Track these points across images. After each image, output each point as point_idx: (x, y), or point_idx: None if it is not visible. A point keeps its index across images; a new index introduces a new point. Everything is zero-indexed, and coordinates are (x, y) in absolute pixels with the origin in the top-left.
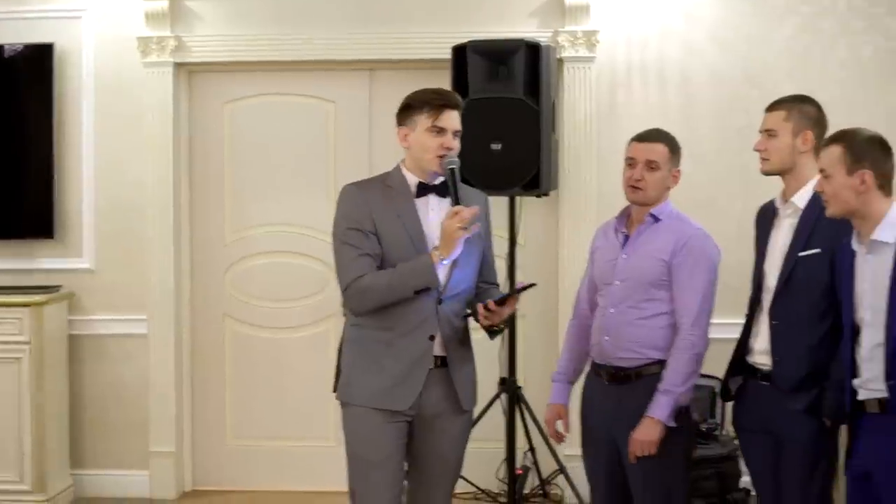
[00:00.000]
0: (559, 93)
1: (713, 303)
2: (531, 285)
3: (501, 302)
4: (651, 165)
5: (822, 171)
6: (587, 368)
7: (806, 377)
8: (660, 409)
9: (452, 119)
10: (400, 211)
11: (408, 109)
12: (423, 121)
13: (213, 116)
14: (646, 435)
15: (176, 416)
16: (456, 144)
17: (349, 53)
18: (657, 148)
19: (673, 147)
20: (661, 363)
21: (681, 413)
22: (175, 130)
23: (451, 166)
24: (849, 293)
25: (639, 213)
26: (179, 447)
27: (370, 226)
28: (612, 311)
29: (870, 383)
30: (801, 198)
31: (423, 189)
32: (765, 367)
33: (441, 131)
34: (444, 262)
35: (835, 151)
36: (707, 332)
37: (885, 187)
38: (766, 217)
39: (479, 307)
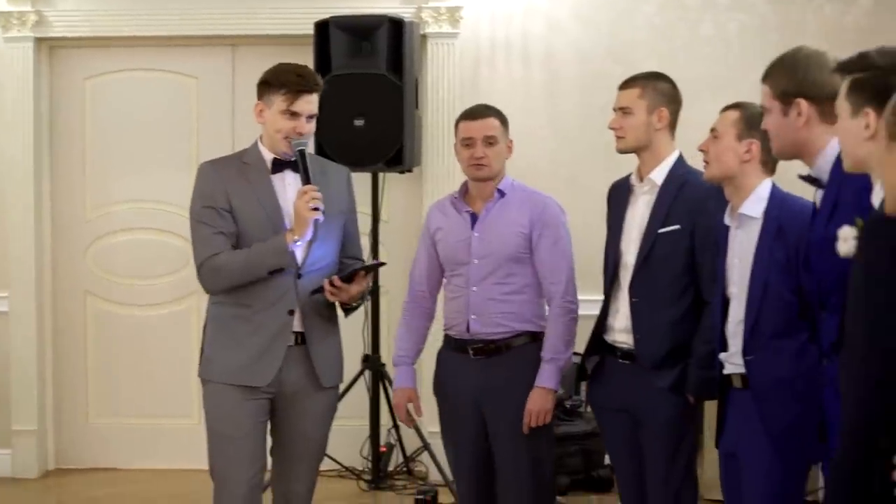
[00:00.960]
0: (422, 69)
1: (574, 266)
2: (381, 264)
3: (349, 278)
4: (489, 140)
5: (712, 130)
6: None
7: (668, 354)
8: (548, 378)
9: (309, 103)
10: (256, 188)
11: (266, 86)
12: (278, 101)
13: (74, 92)
14: (540, 404)
15: (38, 393)
16: (309, 128)
17: (211, 29)
18: (491, 122)
19: (503, 119)
20: (529, 334)
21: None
22: (36, 106)
23: (298, 148)
24: (722, 268)
25: (483, 189)
26: (42, 425)
27: (225, 204)
28: (475, 289)
29: (733, 357)
30: (658, 174)
31: (280, 165)
32: (624, 346)
33: (295, 115)
34: (298, 243)
35: (731, 115)
36: (576, 295)
37: (768, 164)
38: (620, 194)
39: (325, 283)
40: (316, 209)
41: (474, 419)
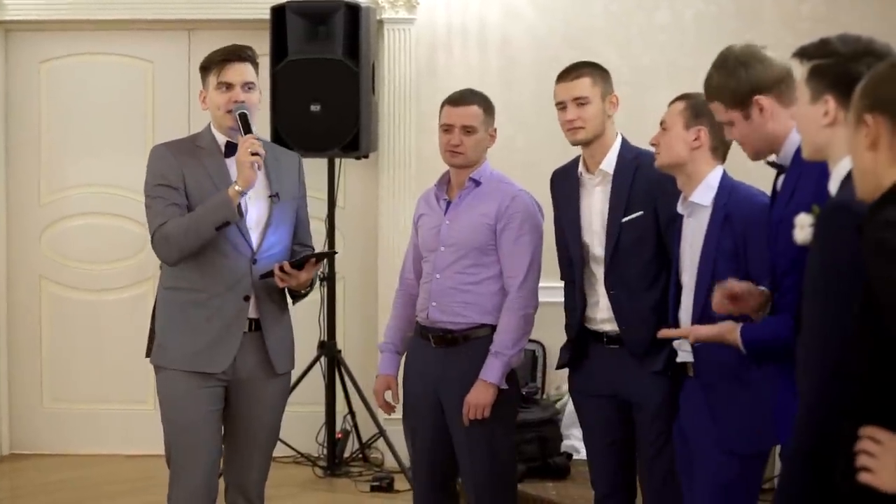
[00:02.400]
0: (379, 54)
1: (540, 264)
2: (333, 253)
3: (299, 265)
4: (468, 129)
5: (662, 123)
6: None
7: (655, 338)
8: (492, 372)
9: (238, 72)
10: (210, 170)
11: (203, 71)
12: (212, 80)
13: (29, 76)
14: (479, 398)
15: None
16: (247, 97)
17: (167, 13)
18: (472, 110)
19: (487, 107)
20: (489, 327)
21: (508, 376)
22: None
23: (239, 111)
24: (676, 255)
25: (459, 177)
26: None
27: (179, 182)
28: (439, 276)
29: (685, 345)
30: (608, 164)
31: (232, 149)
32: (611, 332)
33: (229, 86)
34: (243, 194)
35: (677, 106)
36: (536, 294)
37: (718, 150)
38: (568, 184)
39: (276, 268)
40: (255, 154)
41: (433, 407)
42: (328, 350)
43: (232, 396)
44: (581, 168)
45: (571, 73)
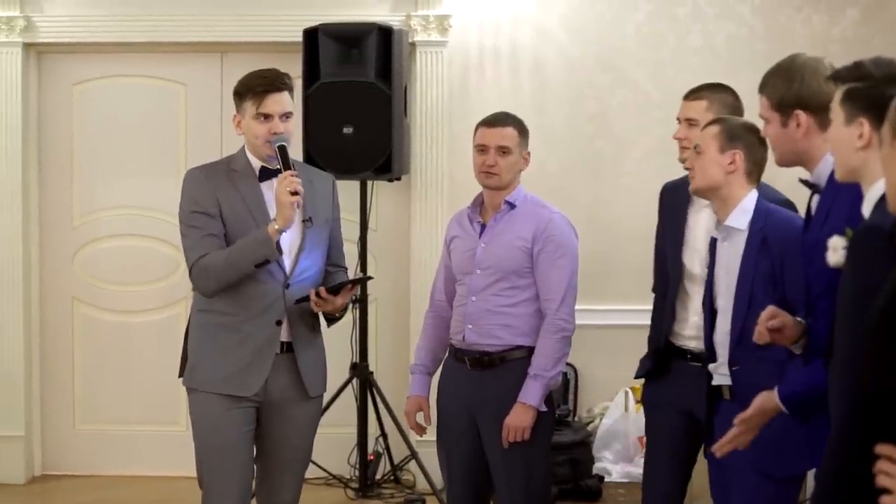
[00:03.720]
0: (411, 77)
1: (576, 286)
2: (368, 278)
3: (336, 290)
4: (503, 150)
5: (696, 147)
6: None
7: None
8: (532, 394)
9: (277, 103)
10: (245, 194)
11: (237, 96)
12: (249, 108)
13: (62, 98)
14: (519, 420)
15: (25, 400)
16: (285, 127)
17: (200, 35)
18: (507, 132)
19: (522, 129)
20: (526, 348)
21: (546, 399)
22: (24, 112)
23: (278, 144)
24: (711, 279)
25: (493, 199)
26: (28, 431)
27: (214, 208)
28: (475, 299)
29: (721, 368)
30: None
31: (267, 173)
32: (696, 350)
33: (267, 117)
34: (283, 232)
35: (712, 130)
36: (573, 315)
37: (752, 174)
38: (678, 197)
39: (311, 293)
40: (295, 193)
41: (468, 429)
42: (360, 372)
43: (264, 417)
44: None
45: (691, 93)
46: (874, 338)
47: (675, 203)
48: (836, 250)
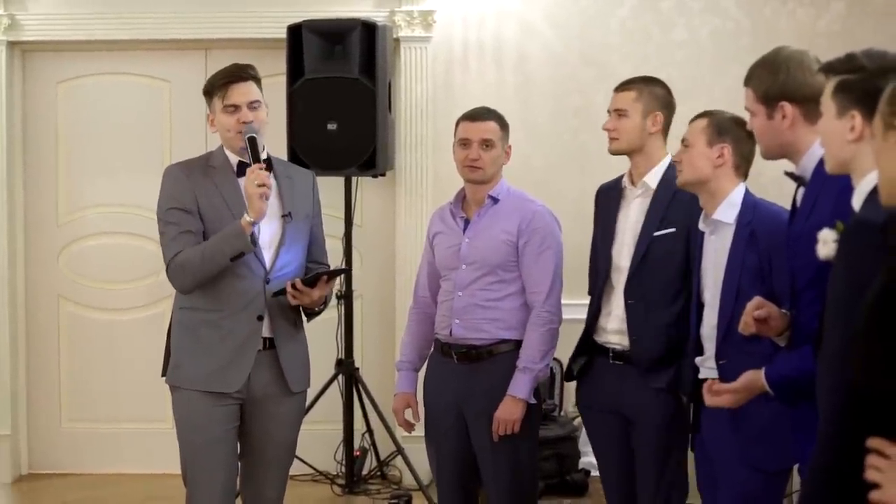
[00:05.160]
0: (395, 73)
1: (562, 279)
2: (344, 270)
3: (312, 282)
4: (486, 144)
5: (683, 141)
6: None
7: (664, 355)
8: (521, 387)
9: (242, 93)
10: (223, 190)
11: (206, 96)
12: (217, 103)
13: (47, 96)
14: (509, 413)
15: (11, 398)
16: (255, 116)
17: (184, 33)
18: (490, 126)
19: (503, 124)
20: (513, 342)
21: (534, 392)
22: (8, 110)
23: (248, 135)
24: (698, 273)
25: (476, 194)
26: (15, 430)
27: (192, 205)
28: (461, 294)
29: (707, 362)
30: (653, 178)
31: (244, 169)
32: (617, 347)
33: (235, 108)
34: (255, 224)
35: (699, 123)
36: (560, 308)
37: (741, 168)
38: (610, 197)
39: (288, 285)
40: (262, 185)
41: (456, 423)
42: (346, 368)
43: (247, 414)
44: (626, 180)
45: (622, 85)
46: (865, 336)
47: (608, 203)
48: (827, 243)
